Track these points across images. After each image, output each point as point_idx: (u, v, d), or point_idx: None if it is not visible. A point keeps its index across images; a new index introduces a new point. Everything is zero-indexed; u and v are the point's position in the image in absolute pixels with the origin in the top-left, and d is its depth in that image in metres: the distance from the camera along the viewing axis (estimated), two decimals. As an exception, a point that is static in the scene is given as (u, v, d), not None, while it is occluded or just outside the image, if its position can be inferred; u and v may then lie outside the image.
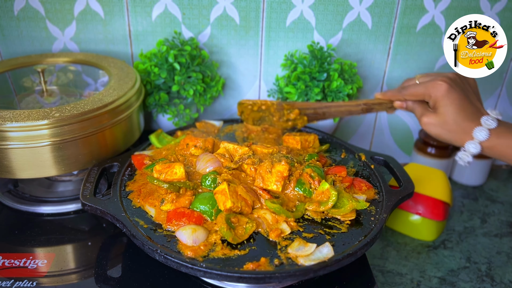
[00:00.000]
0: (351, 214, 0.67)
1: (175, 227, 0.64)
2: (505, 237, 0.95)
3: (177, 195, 0.67)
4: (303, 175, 0.71)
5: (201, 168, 0.73)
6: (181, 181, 0.69)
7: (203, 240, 0.61)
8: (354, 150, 0.86)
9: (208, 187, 0.69)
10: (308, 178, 0.70)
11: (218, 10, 0.98)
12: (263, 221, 0.65)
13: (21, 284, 0.65)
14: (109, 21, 0.99)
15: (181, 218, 0.64)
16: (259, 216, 0.66)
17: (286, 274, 0.57)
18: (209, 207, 0.65)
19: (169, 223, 0.64)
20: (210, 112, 1.11)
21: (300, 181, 0.70)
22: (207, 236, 0.62)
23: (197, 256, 0.59)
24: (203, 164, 0.73)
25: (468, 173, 1.11)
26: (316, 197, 0.69)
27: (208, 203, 0.65)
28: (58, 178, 0.87)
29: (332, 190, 0.67)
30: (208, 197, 0.66)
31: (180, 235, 0.62)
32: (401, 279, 0.84)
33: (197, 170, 0.73)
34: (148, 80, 0.97)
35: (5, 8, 0.96)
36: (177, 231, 0.62)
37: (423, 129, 0.74)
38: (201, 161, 0.74)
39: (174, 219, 0.64)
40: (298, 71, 0.95)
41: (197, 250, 0.60)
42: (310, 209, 0.68)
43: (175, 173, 0.70)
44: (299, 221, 0.66)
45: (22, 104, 0.87)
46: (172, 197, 0.66)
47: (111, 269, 0.69)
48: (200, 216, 0.65)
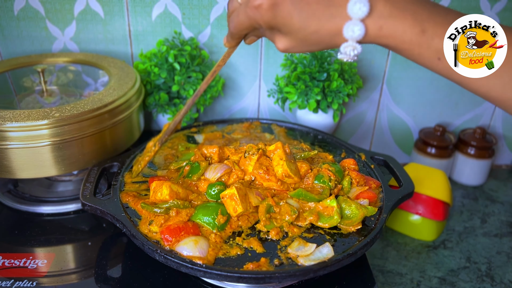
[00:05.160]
0: (359, 223, 0.66)
1: (174, 243, 0.60)
2: (505, 237, 0.95)
3: (165, 219, 0.63)
4: (322, 170, 0.71)
5: (211, 176, 0.71)
6: (172, 201, 0.65)
7: (208, 247, 0.60)
8: (354, 150, 0.86)
9: (213, 198, 0.68)
10: (327, 172, 0.71)
11: (218, 10, 0.98)
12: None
13: (21, 284, 0.65)
14: (109, 21, 0.99)
15: (179, 233, 0.61)
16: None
17: (286, 274, 0.57)
18: (212, 218, 0.63)
19: (168, 242, 0.61)
20: (210, 112, 1.11)
21: (319, 176, 0.70)
22: (209, 242, 0.61)
23: (211, 261, 0.59)
24: (212, 171, 0.72)
25: (468, 173, 1.11)
26: (321, 205, 0.67)
27: (212, 214, 0.63)
28: (58, 178, 0.87)
29: (336, 214, 0.65)
30: (212, 208, 0.65)
31: (182, 250, 0.59)
32: (401, 279, 0.84)
33: (207, 178, 0.72)
34: (148, 80, 0.97)
35: (5, 8, 0.96)
36: (178, 246, 0.60)
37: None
38: (209, 170, 0.72)
39: (169, 235, 0.61)
40: (298, 71, 0.95)
41: (208, 258, 0.59)
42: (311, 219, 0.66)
43: (162, 193, 0.66)
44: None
45: (22, 104, 0.87)
46: (160, 221, 0.63)
47: (111, 269, 0.69)
48: (196, 225, 0.63)
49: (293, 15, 0.47)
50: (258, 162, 0.70)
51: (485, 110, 1.13)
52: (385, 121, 1.14)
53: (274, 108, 1.11)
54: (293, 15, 0.47)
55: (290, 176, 0.69)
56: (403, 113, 1.13)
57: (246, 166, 0.71)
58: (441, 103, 1.11)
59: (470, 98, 1.11)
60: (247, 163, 0.71)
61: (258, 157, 0.71)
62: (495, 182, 1.14)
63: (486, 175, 1.12)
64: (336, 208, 0.65)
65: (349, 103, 1.10)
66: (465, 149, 1.09)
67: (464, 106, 1.12)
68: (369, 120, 1.14)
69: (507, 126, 1.16)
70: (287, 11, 0.47)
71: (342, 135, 1.16)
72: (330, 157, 0.80)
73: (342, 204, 0.66)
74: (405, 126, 1.15)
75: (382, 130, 1.15)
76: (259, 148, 0.72)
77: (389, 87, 1.09)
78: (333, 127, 1.01)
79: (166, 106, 0.97)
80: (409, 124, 1.15)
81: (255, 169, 0.70)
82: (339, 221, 0.65)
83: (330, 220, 0.65)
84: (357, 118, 1.13)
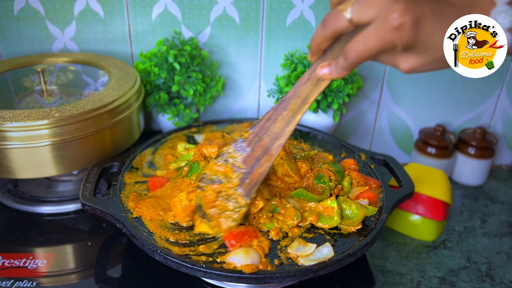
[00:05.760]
0: (359, 223, 0.66)
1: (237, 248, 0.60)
2: (505, 237, 0.95)
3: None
4: (322, 170, 0.71)
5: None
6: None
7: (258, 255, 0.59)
8: (354, 150, 0.86)
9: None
10: (327, 172, 0.71)
11: (218, 10, 0.98)
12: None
13: (21, 284, 0.65)
14: (109, 21, 0.99)
15: (242, 238, 0.61)
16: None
17: (286, 274, 0.57)
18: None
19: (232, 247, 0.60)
20: (210, 112, 1.11)
21: (319, 176, 0.70)
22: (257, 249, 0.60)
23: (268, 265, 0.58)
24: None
25: (468, 173, 1.11)
26: (321, 206, 0.67)
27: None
28: (58, 178, 0.87)
29: (336, 215, 0.64)
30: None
31: (234, 260, 0.58)
32: (401, 279, 0.84)
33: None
34: (148, 80, 0.97)
35: (5, 8, 0.96)
36: (229, 257, 0.59)
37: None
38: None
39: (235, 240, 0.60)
40: (298, 71, 0.95)
41: (265, 263, 0.58)
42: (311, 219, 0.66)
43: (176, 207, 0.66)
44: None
45: (22, 104, 0.87)
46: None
47: (111, 269, 0.69)
48: (254, 228, 0.63)
49: (435, 32, 0.43)
50: None
51: (485, 110, 1.13)
52: (385, 121, 1.14)
53: (274, 108, 1.11)
54: (435, 32, 0.43)
55: (291, 176, 0.69)
56: (403, 113, 1.13)
57: None
58: (441, 103, 1.11)
59: (470, 98, 1.11)
60: None
61: None
62: (495, 182, 1.14)
63: (486, 175, 1.12)
64: (336, 209, 0.65)
65: (349, 103, 1.10)
66: (465, 149, 1.09)
67: (464, 106, 1.12)
68: (369, 120, 1.14)
69: (507, 126, 1.16)
70: (430, 28, 0.43)
71: (342, 135, 1.16)
72: (330, 157, 0.80)
73: (342, 204, 0.66)
74: (405, 126, 1.15)
75: (382, 130, 1.15)
76: None
77: (389, 87, 1.09)
78: (333, 127, 1.01)
79: (166, 106, 0.97)
80: (409, 124, 1.15)
81: None
82: (339, 222, 0.65)
83: (330, 221, 0.65)
84: (357, 118, 1.13)
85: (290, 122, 0.58)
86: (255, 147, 0.62)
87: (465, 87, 1.09)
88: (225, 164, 0.64)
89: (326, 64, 0.51)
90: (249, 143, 0.62)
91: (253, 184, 0.62)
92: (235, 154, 0.63)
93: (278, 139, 0.60)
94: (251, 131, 0.62)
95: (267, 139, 0.60)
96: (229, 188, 0.63)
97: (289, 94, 0.58)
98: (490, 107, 1.12)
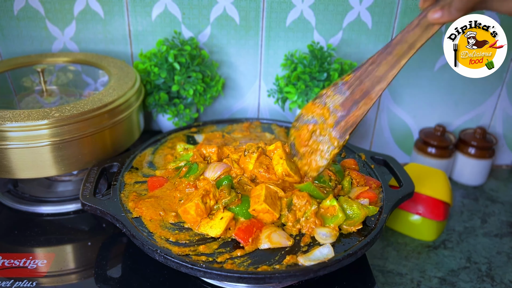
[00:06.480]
0: (360, 223, 0.66)
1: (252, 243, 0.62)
2: (505, 237, 0.95)
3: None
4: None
5: (210, 176, 0.71)
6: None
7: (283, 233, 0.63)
8: (354, 150, 0.86)
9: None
10: (328, 172, 0.71)
11: (218, 10, 0.98)
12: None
13: (21, 284, 0.65)
14: (109, 21, 0.99)
15: (252, 232, 0.62)
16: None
17: (286, 274, 0.57)
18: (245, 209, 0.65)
19: (247, 242, 0.61)
20: (210, 112, 1.11)
21: (319, 176, 0.70)
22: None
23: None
24: (212, 171, 0.72)
25: (468, 173, 1.11)
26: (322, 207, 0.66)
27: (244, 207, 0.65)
28: (58, 178, 0.87)
29: (340, 212, 0.64)
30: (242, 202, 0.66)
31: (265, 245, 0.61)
32: (401, 279, 0.84)
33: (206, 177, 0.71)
34: (148, 80, 0.97)
35: (5, 8, 0.96)
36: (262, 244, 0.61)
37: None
38: (208, 169, 0.72)
39: (248, 236, 0.62)
40: (298, 71, 0.95)
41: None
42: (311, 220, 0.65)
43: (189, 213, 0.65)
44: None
45: (22, 104, 0.87)
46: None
47: (111, 269, 0.69)
48: (256, 220, 0.64)
49: None
50: (258, 161, 0.70)
51: (485, 110, 1.13)
52: (385, 121, 1.14)
53: (274, 108, 1.11)
54: None
55: (291, 175, 0.69)
56: (403, 113, 1.13)
57: (246, 164, 0.71)
58: (441, 103, 1.11)
59: (470, 98, 1.11)
60: (247, 161, 0.71)
61: (258, 155, 0.71)
62: (495, 182, 1.14)
63: (486, 175, 1.12)
64: (338, 206, 0.65)
65: (349, 103, 1.10)
66: (465, 149, 1.09)
67: (464, 106, 1.12)
68: (369, 120, 1.14)
69: (507, 126, 1.16)
70: None
71: (342, 135, 1.16)
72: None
73: (343, 204, 0.66)
74: (405, 126, 1.15)
75: (382, 130, 1.15)
76: (258, 146, 0.72)
77: (389, 87, 1.09)
78: (333, 127, 1.01)
79: (166, 106, 0.97)
80: (409, 124, 1.14)
81: (255, 168, 0.70)
82: (344, 218, 0.64)
83: (336, 219, 0.64)
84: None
85: (394, 66, 0.60)
86: (355, 90, 0.63)
87: (465, 87, 1.09)
88: (322, 105, 0.66)
89: (438, 8, 0.54)
90: (349, 86, 0.64)
91: (348, 126, 0.65)
92: (334, 96, 0.65)
93: (379, 83, 0.61)
94: (352, 74, 0.64)
95: (368, 82, 0.62)
96: (324, 129, 0.66)
97: (396, 40, 0.59)
98: (490, 107, 1.12)
